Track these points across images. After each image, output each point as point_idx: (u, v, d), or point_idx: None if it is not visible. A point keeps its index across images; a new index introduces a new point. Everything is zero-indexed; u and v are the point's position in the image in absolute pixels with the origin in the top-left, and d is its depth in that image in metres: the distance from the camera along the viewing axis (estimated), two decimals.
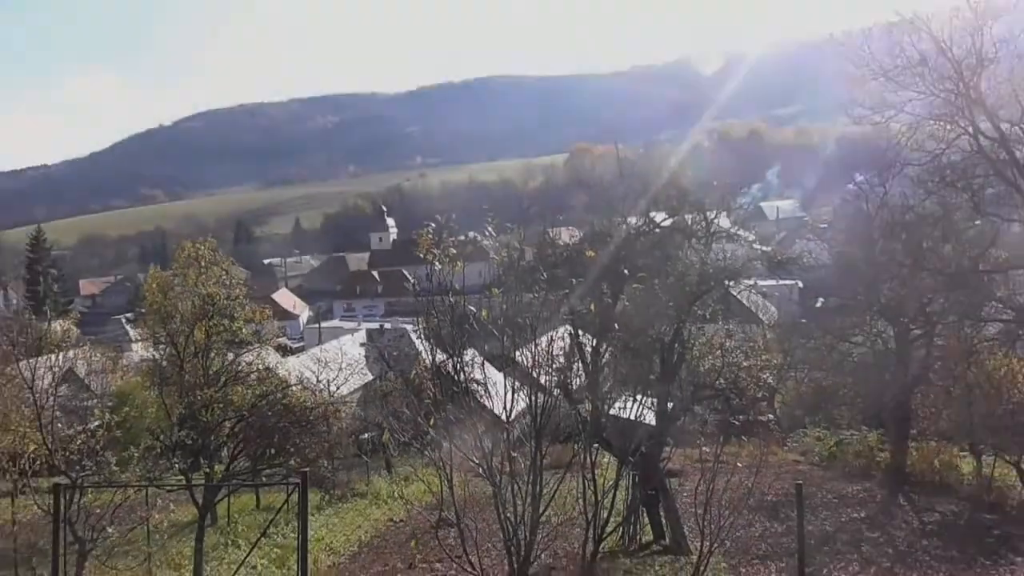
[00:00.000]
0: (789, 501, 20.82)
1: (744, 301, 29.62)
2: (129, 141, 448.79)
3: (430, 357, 12.96)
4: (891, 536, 19.03)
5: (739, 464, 11.98)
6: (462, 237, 14.66)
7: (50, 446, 15.43)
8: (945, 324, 24.79)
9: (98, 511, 14.00)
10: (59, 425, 17.53)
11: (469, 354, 12.45)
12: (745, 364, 19.06)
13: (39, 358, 22.06)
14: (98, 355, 38.13)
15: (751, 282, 24.18)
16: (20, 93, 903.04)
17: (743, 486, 11.54)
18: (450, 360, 12.18)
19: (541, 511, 10.53)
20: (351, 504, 24.61)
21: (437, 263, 11.79)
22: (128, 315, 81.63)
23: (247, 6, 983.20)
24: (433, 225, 12.33)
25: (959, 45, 24.52)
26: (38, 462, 16.06)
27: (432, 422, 11.15)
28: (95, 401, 33.13)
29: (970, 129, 24.70)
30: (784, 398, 33.65)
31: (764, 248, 24.95)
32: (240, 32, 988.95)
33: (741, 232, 23.11)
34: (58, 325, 55.93)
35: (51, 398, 17.87)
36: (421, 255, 11.99)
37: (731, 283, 21.43)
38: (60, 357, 22.22)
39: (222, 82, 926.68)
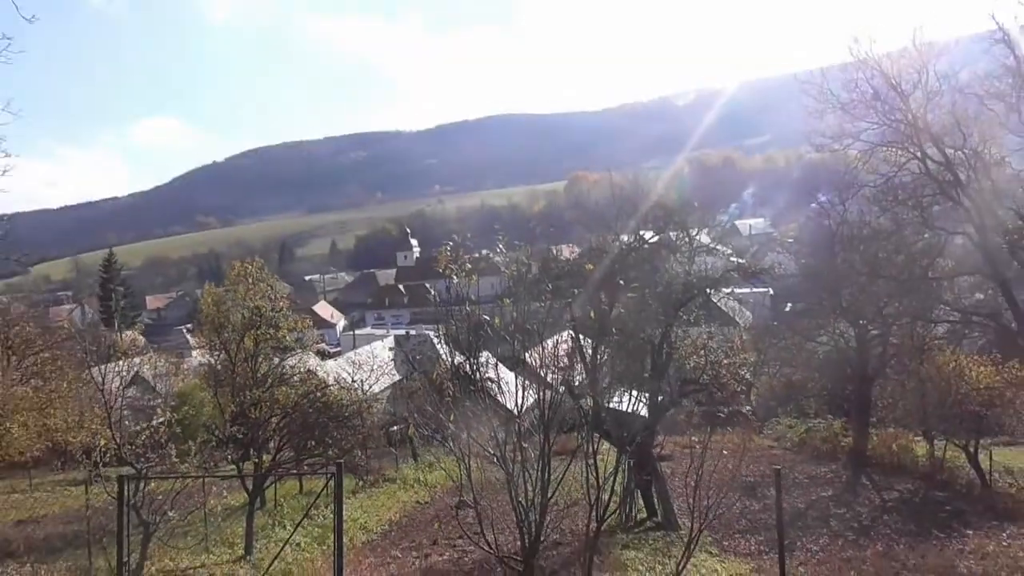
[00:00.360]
0: (765, 481, 20.62)
1: (723, 307, 29.41)
2: (187, 175, 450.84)
3: (450, 359, 12.83)
4: (856, 512, 18.79)
5: (724, 452, 11.76)
6: (476, 254, 14.57)
7: (118, 441, 15.32)
8: (899, 325, 24.59)
9: (160, 497, 13.91)
10: (126, 423, 17.44)
11: (484, 356, 12.32)
12: (726, 362, 18.86)
13: (109, 365, 22.00)
14: (162, 361, 38.21)
15: (728, 290, 24.03)
16: (96, 136, 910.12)
17: (727, 469, 11.34)
18: (467, 361, 12.05)
19: (549, 496, 10.36)
20: (382, 489, 24.44)
21: (455, 277, 11.67)
22: (188, 326, 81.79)
23: (287, 60, 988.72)
24: (451, 244, 12.22)
25: (907, 81, 24.48)
26: (108, 455, 15.94)
27: (452, 417, 11.01)
28: (159, 401, 33.16)
29: (918, 154, 24.63)
30: (759, 391, 33.39)
31: (740, 260, 24.80)
32: (282, 81, 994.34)
33: (719, 247, 22.99)
34: (126, 335, 56.09)
35: (119, 399, 17.78)
36: (441, 271, 11.87)
37: (711, 291, 21.29)
38: (127, 364, 22.19)
39: (267, 123, 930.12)
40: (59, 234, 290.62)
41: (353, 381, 27.96)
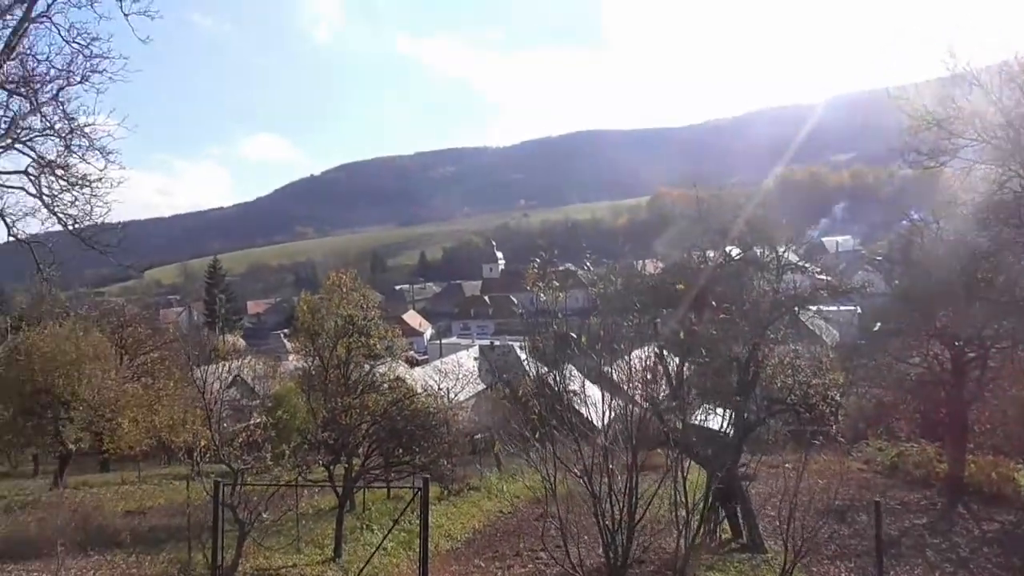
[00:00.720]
0: (855, 506, 19.64)
1: (810, 325, 28.27)
2: (287, 188, 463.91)
3: (534, 372, 12.64)
4: (953, 543, 17.58)
5: (819, 481, 11.13)
6: (561, 268, 14.34)
7: (217, 442, 15.65)
8: (999, 348, 23.10)
9: (255, 498, 14.10)
10: (224, 424, 17.80)
11: (568, 369, 12.07)
12: (815, 382, 18.00)
13: (211, 366, 22.63)
14: (261, 364, 39.28)
15: (815, 308, 23.05)
16: (206, 151, 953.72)
17: (820, 494, 10.71)
18: (552, 374, 11.83)
19: (637, 519, 9.96)
20: (466, 497, 24.31)
21: (542, 294, 11.47)
22: (285, 331, 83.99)
23: (383, 78, 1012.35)
24: (538, 261, 12.05)
25: (1008, 96, 23.05)
26: (208, 454, 16.30)
27: (537, 435, 10.75)
28: (256, 402, 34.03)
29: (1020, 172, 23.15)
30: (847, 411, 31.93)
31: (828, 278, 23.78)
32: (378, 98, 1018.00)
33: (807, 264, 22.09)
34: (229, 338, 57.96)
35: (219, 402, 18.18)
36: (528, 287, 11.72)
37: (799, 309, 20.44)
38: (227, 367, 22.76)
39: (361, 139, 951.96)
40: (170, 241, 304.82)
41: (439, 389, 28.02)
